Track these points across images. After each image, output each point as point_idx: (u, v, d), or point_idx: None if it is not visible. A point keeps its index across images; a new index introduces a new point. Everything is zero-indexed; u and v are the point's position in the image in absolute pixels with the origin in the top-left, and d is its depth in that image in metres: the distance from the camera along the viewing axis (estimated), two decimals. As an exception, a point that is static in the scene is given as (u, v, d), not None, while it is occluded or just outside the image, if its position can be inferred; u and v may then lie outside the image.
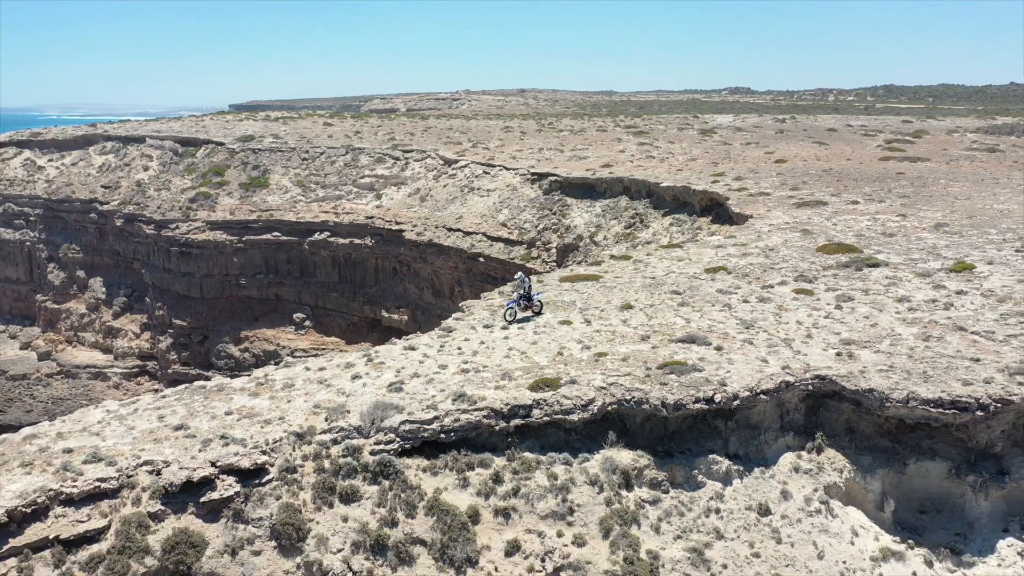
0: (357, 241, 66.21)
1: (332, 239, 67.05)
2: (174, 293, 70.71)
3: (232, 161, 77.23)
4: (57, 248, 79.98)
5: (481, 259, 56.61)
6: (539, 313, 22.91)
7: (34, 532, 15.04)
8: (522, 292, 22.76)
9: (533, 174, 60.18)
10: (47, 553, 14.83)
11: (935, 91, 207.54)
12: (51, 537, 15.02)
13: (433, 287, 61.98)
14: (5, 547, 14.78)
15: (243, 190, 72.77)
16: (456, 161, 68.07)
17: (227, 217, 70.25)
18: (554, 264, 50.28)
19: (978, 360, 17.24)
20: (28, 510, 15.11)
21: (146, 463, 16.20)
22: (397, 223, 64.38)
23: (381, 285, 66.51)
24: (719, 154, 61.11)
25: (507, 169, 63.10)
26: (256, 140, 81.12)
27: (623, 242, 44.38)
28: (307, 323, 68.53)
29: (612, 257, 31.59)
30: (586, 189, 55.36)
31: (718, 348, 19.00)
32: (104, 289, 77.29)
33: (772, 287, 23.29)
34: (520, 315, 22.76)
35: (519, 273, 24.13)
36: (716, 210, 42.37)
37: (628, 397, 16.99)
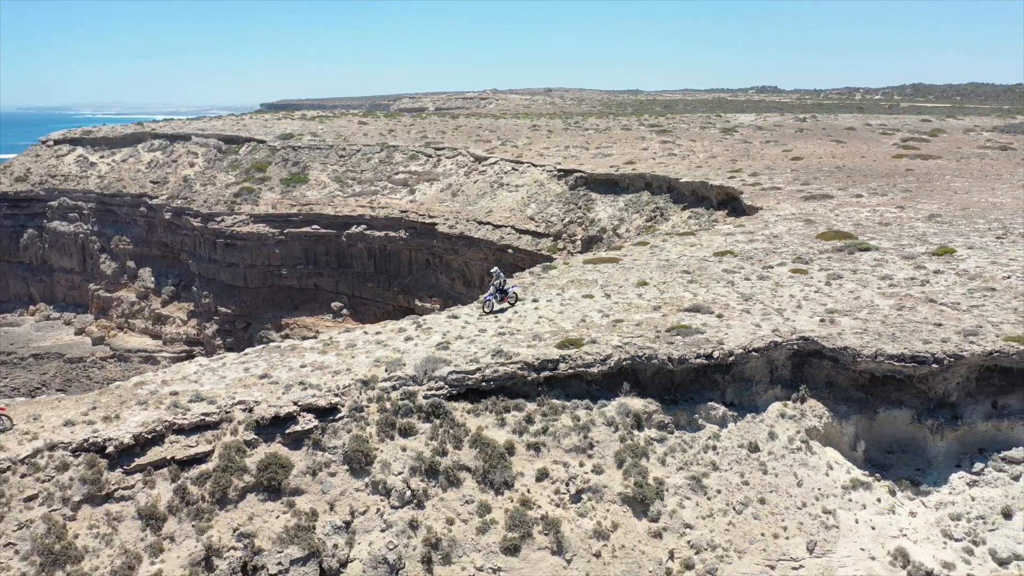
0: (392, 234, 69.80)
1: (368, 232, 70.74)
2: (219, 282, 74.88)
3: (273, 158, 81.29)
4: (109, 240, 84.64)
5: (510, 250, 59.83)
6: (513, 304, 25.10)
7: (154, 454, 18.56)
8: (497, 286, 24.94)
9: (559, 170, 63.29)
10: (165, 470, 18.33)
11: (963, 90, 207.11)
12: (168, 458, 18.53)
13: (464, 277, 65.34)
14: (132, 464, 18.32)
15: (284, 185, 76.75)
16: (486, 158, 71.39)
17: (269, 211, 74.29)
18: (579, 254, 53.34)
19: (940, 325, 20.13)
20: (148, 436, 18.64)
21: (240, 402, 19.66)
22: (430, 217, 67.85)
23: (414, 275, 70.04)
24: (738, 152, 63.73)
25: (535, 166, 66.29)
26: (295, 138, 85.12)
27: (644, 234, 47.31)
28: (344, 311, 72.26)
29: (631, 244, 34.67)
30: (610, 185, 58.34)
31: (719, 316, 22.08)
32: (153, 278, 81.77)
33: (772, 267, 26.28)
34: (497, 307, 25.00)
35: (495, 268, 26.22)
36: (732, 204, 45.16)
37: (640, 354, 20.13)
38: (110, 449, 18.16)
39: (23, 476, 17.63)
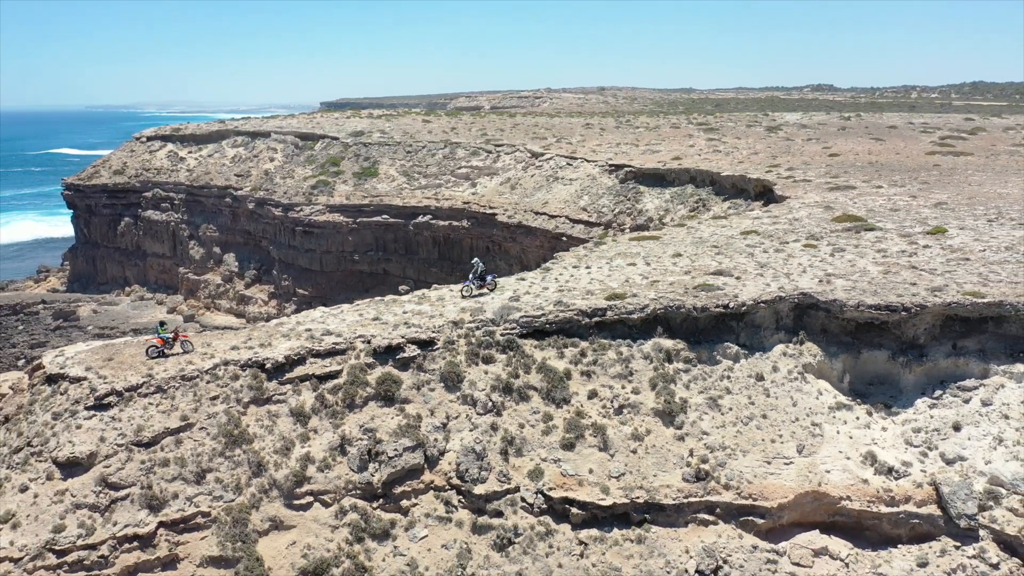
0: (455, 223, 75.94)
1: (433, 221, 77.02)
2: (297, 267, 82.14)
3: (346, 153, 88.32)
4: (197, 228, 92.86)
5: (564, 238, 65.28)
6: (492, 291, 28.83)
7: (299, 371, 24.68)
8: (476, 273, 29.15)
9: (611, 165, 68.53)
10: (308, 383, 24.41)
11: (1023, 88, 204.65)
12: (309, 374, 24.64)
13: (521, 263, 71.00)
14: (284, 377, 24.46)
15: (356, 179, 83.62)
16: (542, 154, 77.00)
17: (343, 202, 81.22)
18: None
19: (915, 284, 24.94)
20: (295, 358, 24.77)
21: (360, 336, 25.68)
22: (490, 208, 73.77)
23: (475, 262, 75.95)
24: (780, 149, 67.97)
25: (587, 161, 71.65)
26: (366, 135, 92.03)
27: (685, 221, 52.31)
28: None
29: (671, 226, 39.86)
30: (657, 178, 63.37)
31: (737, 278, 27.26)
32: (236, 263, 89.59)
33: (787, 243, 31.25)
34: (476, 292, 28.93)
35: (475, 259, 30.18)
36: (768, 195, 49.81)
37: (671, 304, 25.49)
38: (268, 366, 24.38)
39: (208, 382, 23.96)
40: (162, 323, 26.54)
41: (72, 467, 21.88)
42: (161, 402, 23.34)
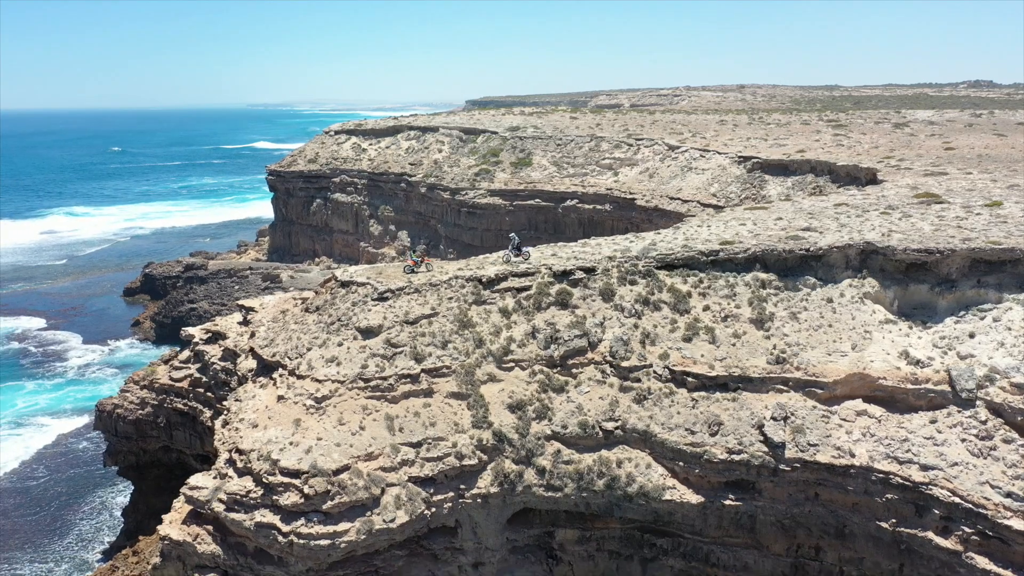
0: (599, 207, 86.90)
1: (579, 205, 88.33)
2: (461, 243, 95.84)
3: (504, 146, 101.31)
4: (376, 208, 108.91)
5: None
6: (527, 260, 37.58)
7: (503, 285, 36.61)
8: (514, 244, 38.79)
9: (739, 157, 77.32)
10: (509, 292, 36.27)
11: None
12: (511, 287, 36.54)
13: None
14: (493, 288, 36.48)
15: (513, 167, 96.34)
16: (678, 147, 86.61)
17: (501, 187, 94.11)
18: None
19: (953, 237, 33.68)
20: (501, 276, 36.76)
21: (544, 264, 37.36)
22: (630, 194, 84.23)
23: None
24: (900, 143, 74.40)
25: (719, 153, 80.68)
26: (521, 130, 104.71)
27: (801, 203, 60.79)
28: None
29: (779, 201, 49.13)
30: (781, 168, 71.71)
31: (820, 232, 36.81)
32: (409, 239, 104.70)
33: (867, 211, 40.19)
34: (513, 260, 37.85)
35: (512, 234, 39.70)
36: (878, 182, 57.66)
37: (768, 248, 35.50)
38: (483, 279, 36.53)
39: (446, 288, 36.39)
40: (413, 250, 39.43)
41: (367, 333, 34.86)
42: (418, 298, 36.02)
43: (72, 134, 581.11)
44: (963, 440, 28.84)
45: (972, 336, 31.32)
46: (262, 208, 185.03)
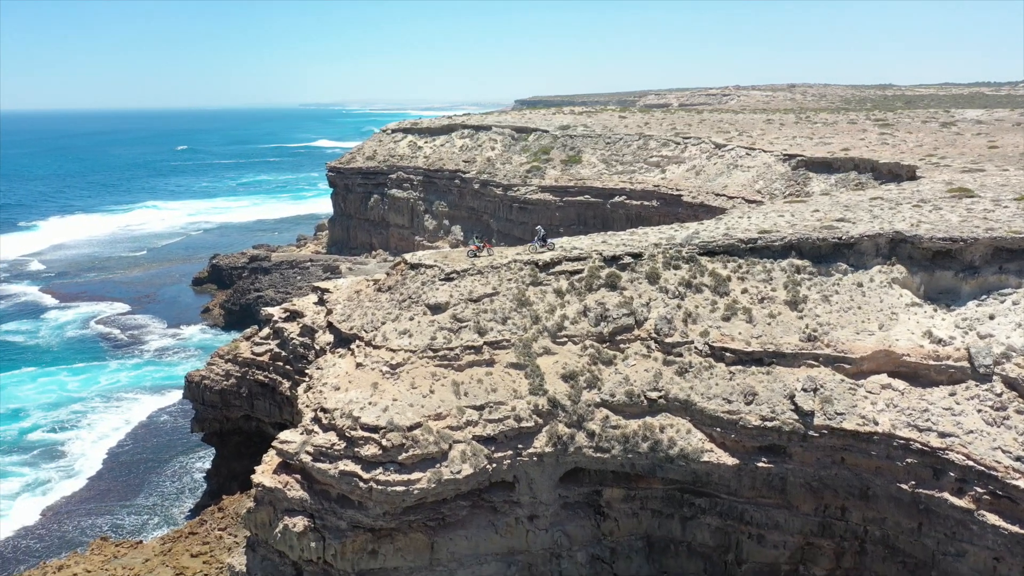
0: (646, 203, 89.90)
1: (627, 201, 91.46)
2: (512, 236, 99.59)
3: (555, 144, 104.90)
4: (431, 204, 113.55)
5: (739, 215, 77.37)
6: (551, 250, 40.96)
7: (558, 268, 40.27)
8: (539, 237, 42.83)
9: (784, 155, 79.59)
10: (564, 275, 39.92)
11: None
12: (564, 270, 40.15)
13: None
14: (549, 271, 40.22)
15: (563, 165, 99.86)
16: (724, 145, 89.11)
17: (552, 184, 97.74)
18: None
19: (978, 227, 36.22)
20: (556, 260, 40.45)
21: (595, 250, 40.92)
22: (677, 190, 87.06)
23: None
24: (945, 142, 75.84)
25: (764, 151, 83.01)
26: (571, 129, 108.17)
27: (843, 199, 63.10)
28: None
29: (817, 195, 51.77)
30: (824, 166, 73.87)
31: (853, 223, 39.62)
32: (462, 233, 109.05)
33: (900, 204, 42.76)
34: (539, 250, 42.29)
35: (538, 227, 43.61)
36: (916, 179, 59.70)
37: (803, 236, 38.49)
38: (539, 263, 40.26)
39: (506, 270, 40.22)
40: (477, 236, 43.38)
41: (436, 309, 38.89)
42: (481, 279, 39.93)
43: (138, 133, 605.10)
44: (979, 411, 31.55)
45: (992, 318, 33.91)
46: (317, 204, 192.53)
